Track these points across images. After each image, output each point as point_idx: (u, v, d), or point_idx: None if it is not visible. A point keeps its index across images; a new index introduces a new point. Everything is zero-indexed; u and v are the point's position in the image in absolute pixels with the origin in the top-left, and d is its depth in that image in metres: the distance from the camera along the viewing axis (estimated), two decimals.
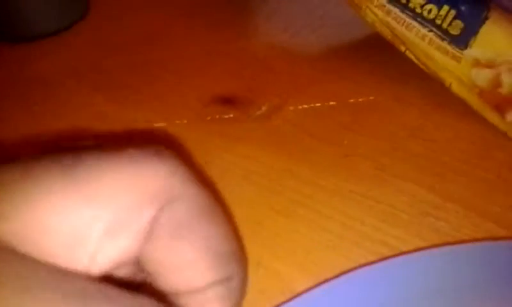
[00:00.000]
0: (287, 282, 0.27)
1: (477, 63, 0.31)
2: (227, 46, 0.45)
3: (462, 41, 0.32)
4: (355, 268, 0.26)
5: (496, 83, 0.31)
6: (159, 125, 0.38)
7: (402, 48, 0.37)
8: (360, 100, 0.37)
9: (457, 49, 0.32)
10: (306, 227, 0.29)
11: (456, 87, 0.34)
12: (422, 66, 0.36)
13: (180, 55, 0.45)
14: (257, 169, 0.33)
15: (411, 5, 0.34)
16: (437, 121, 0.34)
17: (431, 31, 0.33)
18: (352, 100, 0.37)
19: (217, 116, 0.38)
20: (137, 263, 0.16)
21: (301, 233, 0.29)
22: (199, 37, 0.47)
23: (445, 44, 0.33)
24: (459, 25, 0.32)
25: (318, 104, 0.38)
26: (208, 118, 0.38)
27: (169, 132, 0.37)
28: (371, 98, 0.37)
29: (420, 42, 0.34)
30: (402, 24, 0.35)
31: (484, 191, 0.29)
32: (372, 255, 0.27)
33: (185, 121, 0.38)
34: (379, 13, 0.36)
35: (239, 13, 0.51)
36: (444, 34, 0.33)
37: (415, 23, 0.34)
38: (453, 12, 0.32)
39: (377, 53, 0.40)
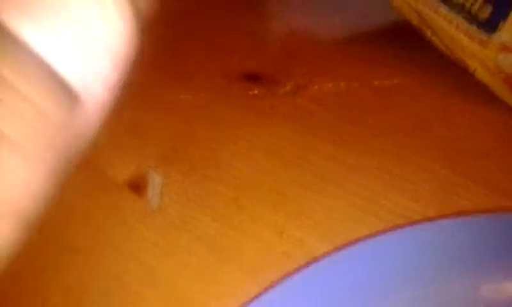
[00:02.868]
0: (309, 249, 0.27)
1: (504, 48, 0.32)
2: (252, 26, 0.46)
3: (490, 25, 0.32)
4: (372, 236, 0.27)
5: None
6: (185, 97, 0.39)
7: (428, 34, 0.37)
8: (385, 82, 0.37)
9: (485, 34, 0.32)
10: (329, 199, 0.30)
11: (480, 73, 0.34)
12: (447, 52, 0.36)
13: (206, 33, 0.46)
14: (281, 143, 0.34)
15: None
16: (460, 106, 0.35)
17: (459, 15, 0.34)
18: (376, 82, 0.38)
19: (242, 92, 0.39)
20: None
21: (324, 205, 0.30)
22: (224, 16, 0.48)
23: (472, 28, 0.33)
24: (488, 9, 0.32)
25: (342, 84, 0.38)
26: (234, 93, 0.39)
27: (195, 104, 0.38)
28: (396, 81, 0.37)
29: (448, 26, 0.35)
30: (431, 8, 0.35)
31: (506, 172, 0.30)
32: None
33: (211, 95, 0.38)
34: None
35: None
36: (473, 18, 0.33)
37: (443, 8, 0.34)
38: None
39: (402, 38, 0.41)
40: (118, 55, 0.12)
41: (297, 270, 0.26)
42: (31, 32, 0.11)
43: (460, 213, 0.27)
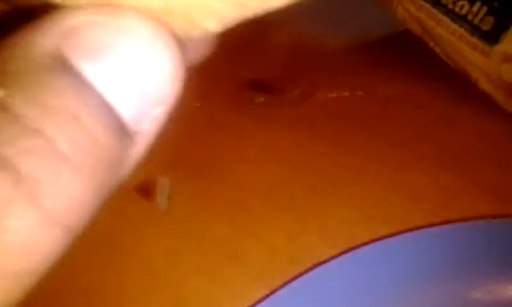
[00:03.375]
0: (316, 252, 0.28)
1: (506, 59, 0.33)
2: (259, 36, 0.47)
3: (493, 36, 0.33)
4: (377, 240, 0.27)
5: None
6: (195, 105, 0.39)
7: (431, 44, 0.38)
8: (390, 91, 0.38)
9: (487, 44, 0.33)
10: (336, 203, 0.31)
11: (482, 83, 0.35)
12: (449, 62, 0.37)
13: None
14: (289, 149, 0.35)
15: (443, 1, 0.35)
16: (463, 114, 0.36)
17: (461, 26, 0.35)
18: (381, 91, 0.38)
19: (249, 99, 0.40)
20: None
21: (331, 209, 0.30)
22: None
23: (475, 39, 0.34)
24: (490, 21, 0.33)
25: (347, 93, 0.39)
26: (241, 101, 0.39)
27: (203, 111, 0.39)
28: (400, 90, 0.38)
29: (450, 37, 0.35)
30: (433, 19, 0.36)
31: (507, 179, 0.31)
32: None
33: (219, 102, 0.39)
34: (411, 8, 0.37)
35: None
36: (475, 29, 0.34)
37: (446, 19, 0.35)
38: (485, 8, 0.33)
39: (405, 48, 0.41)
40: (166, 96, 0.13)
41: (304, 273, 0.26)
42: (93, 70, 0.12)
43: (462, 219, 0.28)
